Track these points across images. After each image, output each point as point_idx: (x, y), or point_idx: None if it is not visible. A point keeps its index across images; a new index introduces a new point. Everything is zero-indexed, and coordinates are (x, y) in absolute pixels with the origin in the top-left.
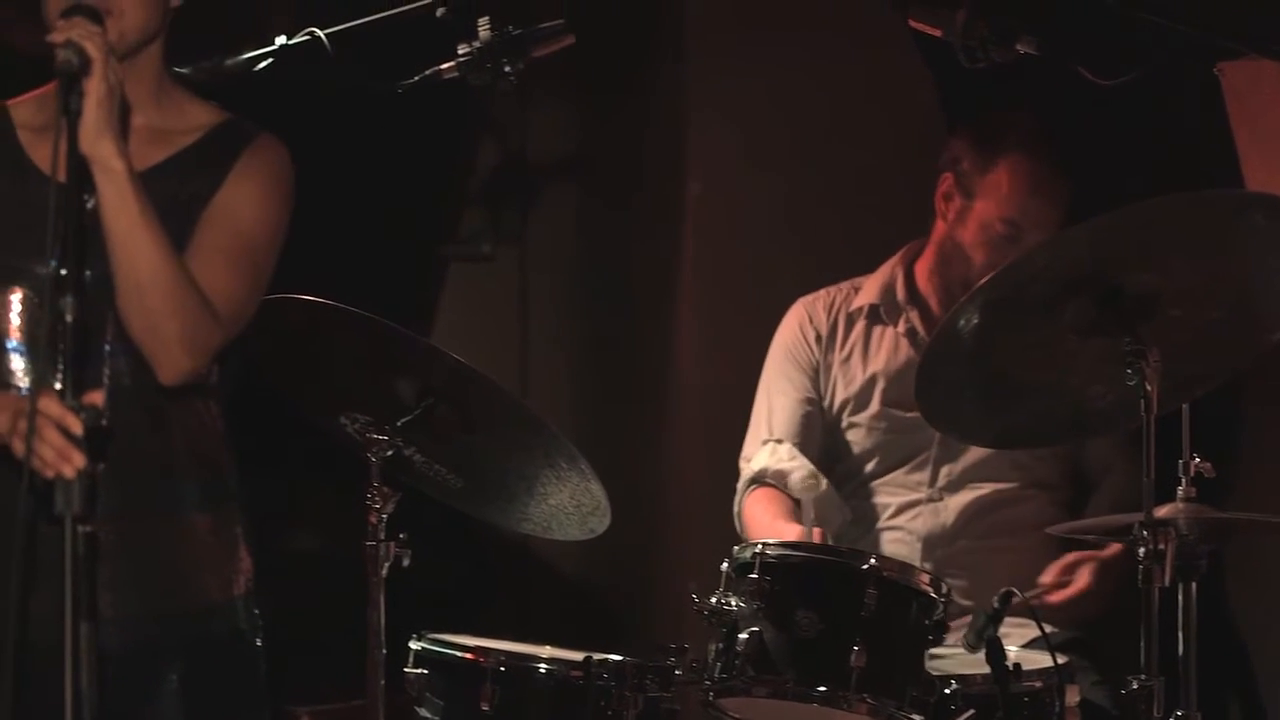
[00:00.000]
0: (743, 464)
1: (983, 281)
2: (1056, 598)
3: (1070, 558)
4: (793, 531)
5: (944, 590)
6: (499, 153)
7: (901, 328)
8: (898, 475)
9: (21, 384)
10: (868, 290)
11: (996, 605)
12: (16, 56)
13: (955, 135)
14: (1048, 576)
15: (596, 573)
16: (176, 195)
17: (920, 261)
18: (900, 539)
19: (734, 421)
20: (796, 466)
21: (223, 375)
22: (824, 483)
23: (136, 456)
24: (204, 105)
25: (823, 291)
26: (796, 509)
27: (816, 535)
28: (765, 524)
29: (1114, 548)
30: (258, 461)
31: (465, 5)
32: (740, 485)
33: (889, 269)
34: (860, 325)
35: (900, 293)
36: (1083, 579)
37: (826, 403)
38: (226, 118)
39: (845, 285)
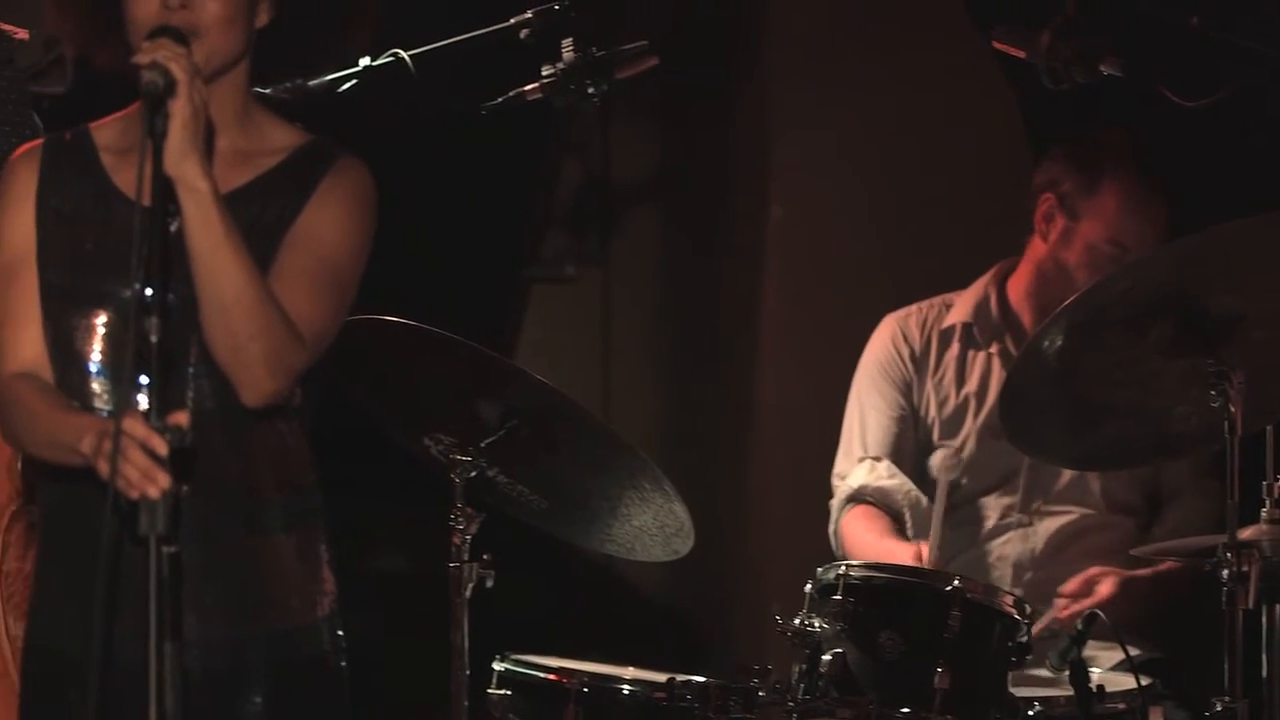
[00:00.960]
0: (836, 481)
1: (1066, 303)
2: (1069, 611)
3: (1094, 570)
4: (904, 550)
5: (1027, 612)
6: (581, 174)
7: (994, 349)
8: (988, 499)
9: (104, 407)
10: (960, 308)
11: (1080, 628)
12: (99, 78)
13: (1052, 156)
14: (1070, 587)
15: (680, 593)
16: (260, 218)
17: (1014, 280)
18: (991, 564)
19: (817, 442)
20: (898, 484)
21: (306, 397)
22: (925, 500)
23: (220, 478)
24: (287, 127)
25: (914, 307)
26: (897, 527)
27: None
28: (870, 543)
29: (1147, 570)
30: (341, 482)
31: (549, 27)
32: (836, 503)
33: (981, 287)
34: (955, 347)
35: (994, 312)
36: (1104, 589)
37: (929, 424)
38: (309, 139)
39: (936, 301)
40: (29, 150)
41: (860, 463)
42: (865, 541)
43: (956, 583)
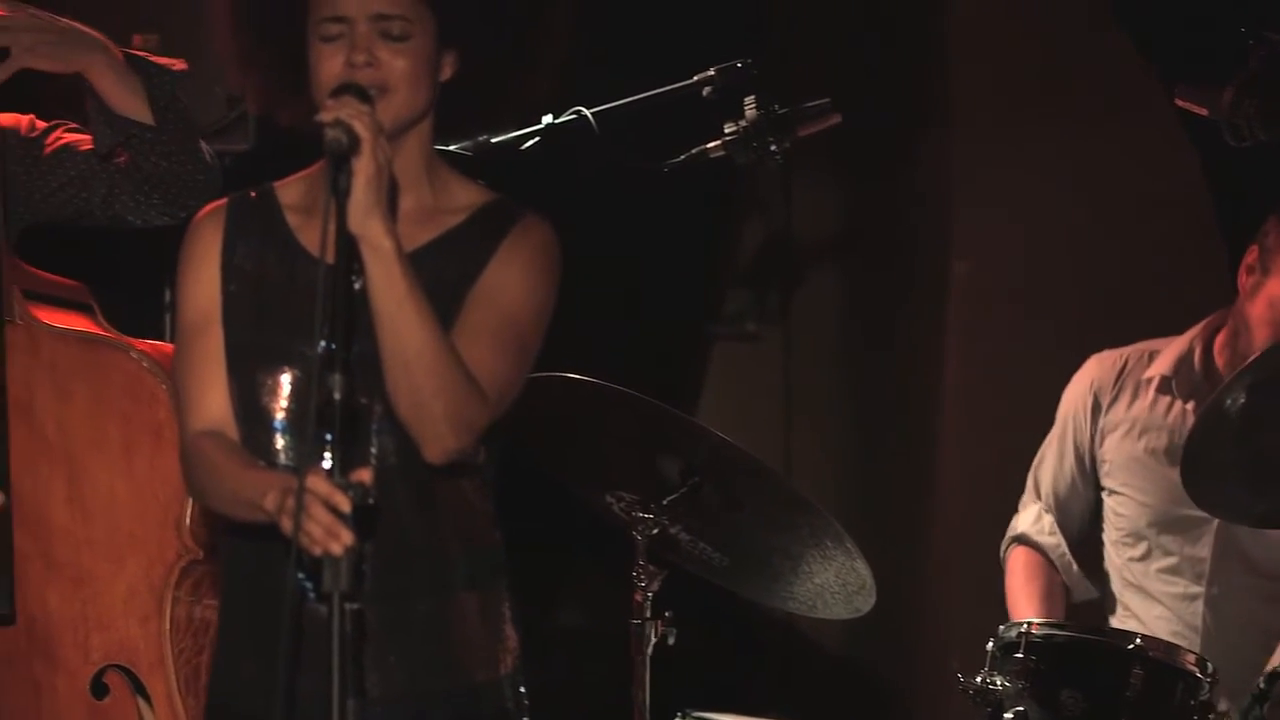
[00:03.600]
0: (1020, 509)
1: (1248, 362)
2: None
3: None
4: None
5: (1209, 670)
6: (763, 231)
7: (1190, 405)
8: (1174, 560)
9: (290, 464)
10: (1163, 360)
11: (1262, 686)
12: (283, 136)
13: (1277, 209)
14: None
15: (860, 650)
16: (444, 275)
17: (1220, 334)
18: (1179, 632)
19: (998, 500)
20: (1054, 544)
21: (490, 454)
22: (1075, 567)
23: (403, 535)
24: (471, 185)
25: (1118, 351)
26: (1056, 576)
27: None
28: (1021, 601)
29: None
30: (524, 539)
31: (731, 84)
32: (1007, 537)
33: (1187, 341)
34: (1149, 397)
35: (1196, 367)
36: None
37: (1103, 471)
38: (494, 197)
39: (1143, 347)
40: (213, 210)
41: (1032, 505)
42: (1018, 599)
43: (1139, 641)
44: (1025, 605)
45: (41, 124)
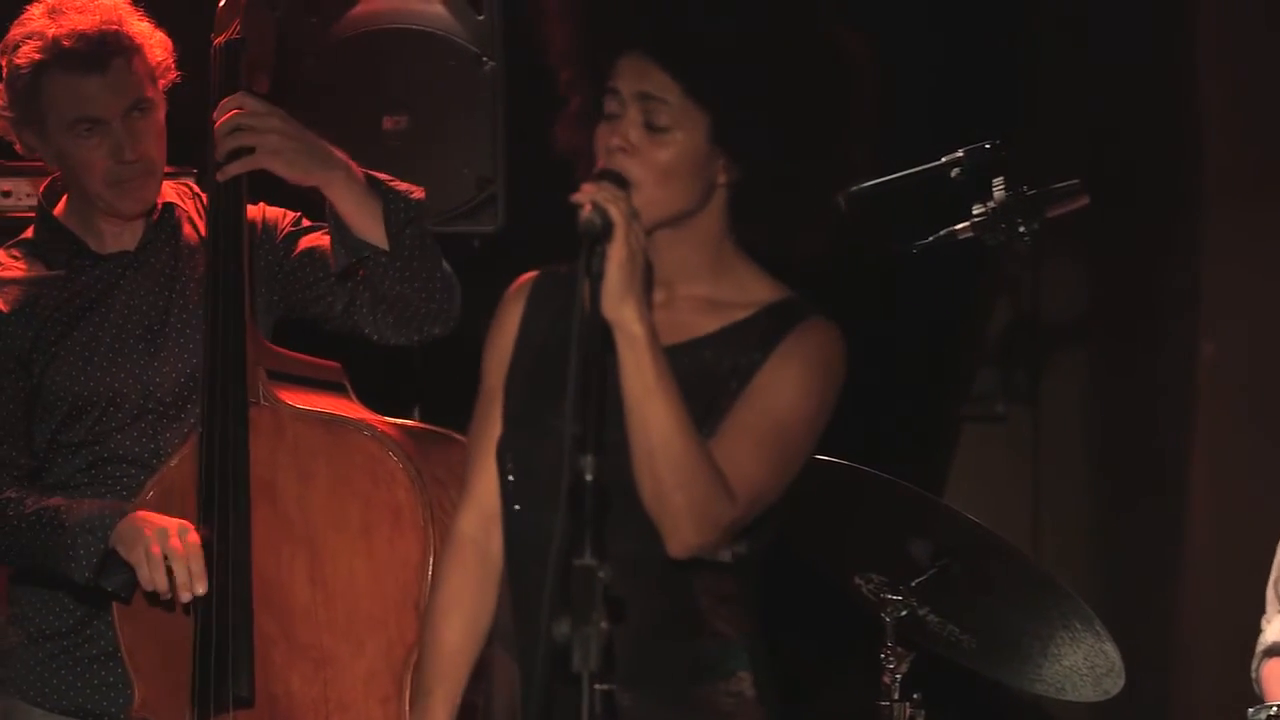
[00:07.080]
0: (1263, 624)
1: None
2: None
3: None
4: None
5: None
6: (1011, 312)
7: None
8: None
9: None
10: None
11: None
12: (533, 218)
13: None
14: None
15: None
16: (717, 367)
17: None
18: None
19: (1249, 585)
20: None
21: (752, 549)
22: None
23: (650, 623)
24: (767, 282)
25: None
26: None
27: None
28: None
29: None
30: (773, 621)
31: (980, 165)
32: (1258, 652)
33: None
34: None
35: None
36: None
37: None
38: (785, 296)
39: None
40: (521, 284)
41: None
42: None
43: None
44: None
45: (307, 221)
